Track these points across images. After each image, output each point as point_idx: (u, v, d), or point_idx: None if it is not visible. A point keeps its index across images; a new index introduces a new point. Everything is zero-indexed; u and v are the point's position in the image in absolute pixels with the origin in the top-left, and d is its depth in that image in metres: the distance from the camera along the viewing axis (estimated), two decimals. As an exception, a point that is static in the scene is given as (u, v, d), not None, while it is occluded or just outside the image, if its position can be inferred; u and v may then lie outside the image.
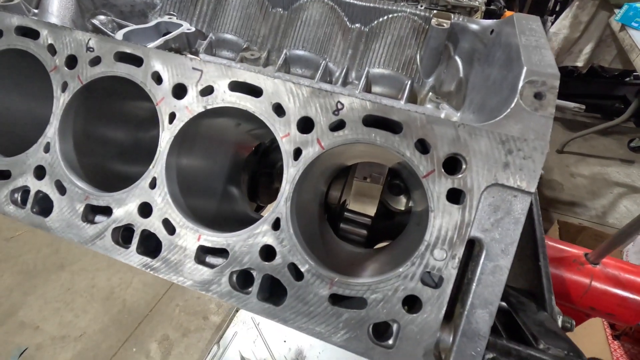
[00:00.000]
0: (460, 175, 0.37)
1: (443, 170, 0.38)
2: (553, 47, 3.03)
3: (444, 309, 0.37)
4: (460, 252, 0.37)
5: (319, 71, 0.67)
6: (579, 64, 3.03)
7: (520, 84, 0.38)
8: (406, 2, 1.82)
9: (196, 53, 0.71)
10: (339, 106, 0.40)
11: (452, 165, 0.38)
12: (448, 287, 0.37)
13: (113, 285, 2.33)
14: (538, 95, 0.37)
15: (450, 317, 0.39)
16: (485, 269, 0.36)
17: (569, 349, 0.39)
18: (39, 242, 2.53)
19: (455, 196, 0.37)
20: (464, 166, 0.37)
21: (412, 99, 0.66)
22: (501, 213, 0.36)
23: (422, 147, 0.38)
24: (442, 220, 0.37)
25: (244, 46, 0.72)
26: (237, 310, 2.26)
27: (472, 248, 0.38)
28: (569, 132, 3.52)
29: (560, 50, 3.01)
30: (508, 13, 2.14)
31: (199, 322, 2.18)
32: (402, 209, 0.62)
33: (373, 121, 0.40)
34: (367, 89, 0.68)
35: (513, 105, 0.37)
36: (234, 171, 0.67)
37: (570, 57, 3.05)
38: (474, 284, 0.37)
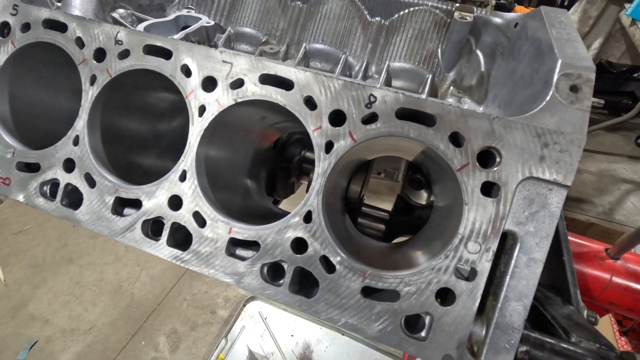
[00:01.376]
0: (495, 169, 0.37)
1: (477, 163, 0.38)
2: (561, 42, 3.01)
3: (478, 301, 0.37)
4: (494, 245, 0.37)
5: (339, 65, 0.67)
6: (588, 59, 3.00)
7: (555, 76, 0.38)
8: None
9: (215, 46, 0.71)
10: (372, 99, 0.40)
11: (486, 158, 0.38)
12: (482, 280, 0.37)
13: (121, 279, 2.35)
14: (574, 88, 0.37)
15: (483, 310, 0.39)
16: (519, 262, 0.36)
17: (600, 342, 0.39)
18: (48, 236, 2.55)
19: (489, 189, 0.37)
20: (498, 159, 0.37)
21: (433, 93, 0.66)
22: (536, 206, 0.36)
23: (456, 140, 0.38)
24: (477, 213, 0.37)
25: (263, 40, 0.72)
26: (244, 305, 2.28)
27: (505, 241, 0.38)
28: (576, 128, 3.49)
29: (569, 45, 2.98)
30: (518, 7, 2.11)
31: (206, 316, 2.19)
32: (424, 203, 0.62)
33: (406, 114, 0.40)
34: (388, 82, 0.67)
35: (548, 98, 0.37)
36: (254, 165, 0.67)
37: (579, 52, 3.02)
38: (508, 277, 0.37)
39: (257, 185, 0.69)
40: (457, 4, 0.63)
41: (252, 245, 0.43)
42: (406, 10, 0.66)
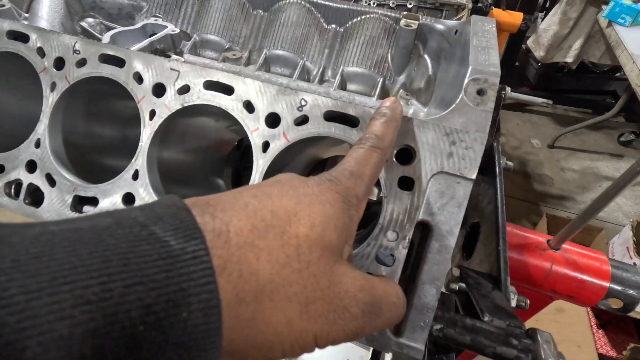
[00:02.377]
0: (410, 165, 0.41)
1: (395, 160, 0.42)
2: (543, 44, 3.08)
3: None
4: (410, 233, 0.41)
5: (297, 70, 0.71)
6: (569, 59, 3.07)
7: (465, 81, 0.42)
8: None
9: (181, 53, 0.75)
10: (303, 103, 0.44)
11: (404, 155, 0.42)
12: (399, 265, 0.41)
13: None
14: (480, 92, 0.41)
15: (405, 293, 0.43)
16: (432, 248, 0.40)
17: (510, 321, 0.43)
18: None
19: (405, 183, 0.41)
20: (413, 156, 0.41)
21: (385, 95, 0.70)
22: (446, 198, 0.40)
23: (377, 139, 0.42)
24: (394, 205, 0.41)
25: (227, 46, 0.76)
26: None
27: (421, 230, 0.42)
28: (560, 127, 3.56)
29: (550, 46, 3.05)
30: (495, 10, 2.17)
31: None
32: (375, 199, 0.66)
33: (333, 116, 0.44)
34: (343, 86, 0.71)
35: (458, 100, 0.41)
36: (217, 164, 0.71)
37: (560, 53, 3.09)
38: (423, 263, 0.41)
39: (222, 183, 0.73)
40: (405, 12, 0.67)
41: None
42: (359, 18, 0.70)
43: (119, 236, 0.21)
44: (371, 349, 0.96)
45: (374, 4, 1.77)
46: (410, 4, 1.75)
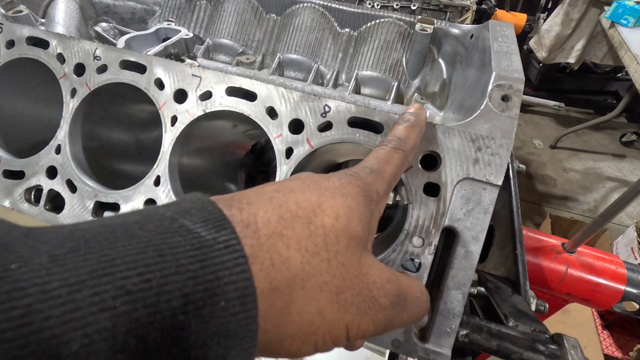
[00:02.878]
0: (435, 171, 0.41)
1: (420, 166, 0.42)
2: (545, 44, 3.08)
3: (422, 290, 0.41)
4: (436, 239, 0.41)
5: (311, 74, 0.71)
6: (571, 60, 3.08)
7: (490, 87, 0.42)
8: (399, 1, 1.86)
9: (194, 57, 0.75)
10: (327, 109, 0.44)
11: (429, 161, 0.42)
12: (425, 271, 0.41)
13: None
14: (505, 98, 0.41)
15: (431, 299, 0.43)
16: (458, 254, 0.41)
17: (535, 326, 0.43)
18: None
19: (431, 189, 0.41)
20: (438, 162, 0.41)
21: (399, 99, 0.70)
22: (472, 204, 0.40)
23: (402, 145, 0.42)
24: (420, 211, 0.41)
25: (240, 50, 0.76)
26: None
27: (447, 236, 0.42)
28: (563, 127, 3.57)
29: (553, 47, 3.05)
30: (499, 12, 2.18)
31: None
32: (390, 202, 0.66)
33: (357, 122, 0.44)
34: (357, 90, 0.71)
35: (482, 107, 0.42)
36: (231, 169, 0.71)
37: (563, 53, 3.10)
38: (449, 268, 0.41)
39: (236, 188, 0.73)
40: (419, 16, 0.67)
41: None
42: (373, 22, 0.71)
43: (150, 229, 0.21)
44: (387, 354, 0.96)
45: (377, 5, 1.77)
46: (414, 5, 1.76)
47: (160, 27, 0.74)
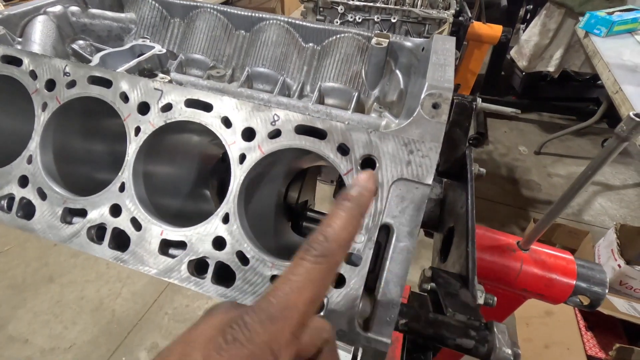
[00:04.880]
0: (373, 172, 0.45)
1: (360, 168, 0.45)
2: (525, 54, 3.18)
3: (364, 282, 0.44)
4: (374, 235, 0.44)
5: (277, 86, 0.75)
6: (551, 69, 3.18)
7: (422, 96, 0.46)
8: (380, 14, 1.92)
9: (168, 72, 0.79)
10: (276, 118, 0.48)
11: (368, 164, 0.46)
12: (366, 265, 0.44)
13: (102, 296, 2.36)
14: (435, 106, 0.46)
15: (372, 291, 0.46)
16: (395, 248, 0.44)
17: (471, 315, 0.46)
18: (28, 256, 2.56)
19: (370, 189, 0.45)
20: (376, 164, 0.45)
21: (360, 108, 0.75)
22: (406, 202, 0.44)
23: (342, 150, 0.46)
24: (360, 209, 0.45)
25: (211, 65, 0.80)
26: (225, 317, 2.31)
27: (385, 232, 0.45)
28: (546, 134, 3.65)
29: (532, 56, 3.15)
30: (475, 24, 2.26)
31: (188, 329, 2.21)
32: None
33: (304, 130, 0.47)
34: (320, 100, 0.76)
35: (415, 114, 0.46)
36: (203, 176, 0.74)
37: (542, 62, 3.20)
38: (387, 262, 0.44)
39: (207, 193, 0.76)
40: (376, 32, 0.72)
41: (182, 245, 0.50)
42: (334, 37, 0.75)
43: None
44: (352, 352, 0.99)
45: (359, 18, 1.83)
46: (394, 18, 1.82)
47: (135, 44, 0.78)
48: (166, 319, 2.27)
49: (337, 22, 1.77)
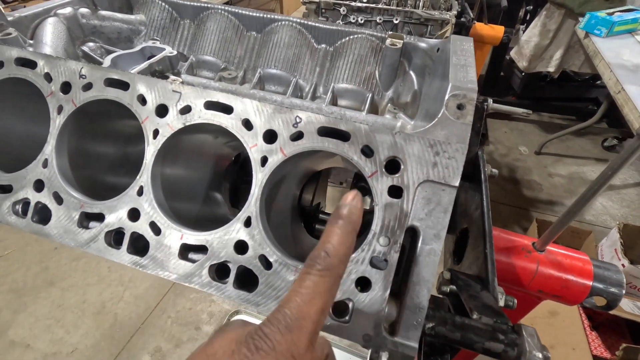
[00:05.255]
0: (398, 175, 0.45)
1: (384, 170, 0.45)
2: (525, 54, 3.19)
3: (389, 286, 0.44)
4: (400, 238, 0.44)
5: (290, 87, 0.75)
6: (551, 69, 3.19)
7: (446, 97, 0.46)
8: (382, 15, 1.92)
9: (178, 74, 0.78)
10: (298, 120, 0.47)
11: (393, 166, 0.45)
12: (392, 268, 0.44)
13: (104, 299, 2.34)
14: (460, 107, 0.45)
15: (398, 295, 0.46)
16: (422, 251, 0.44)
17: (497, 318, 0.46)
18: (29, 260, 2.54)
19: (395, 192, 0.45)
20: (401, 167, 0.45)
21: (374, 110, 0.74)
22: (433, 204, 0.44)
23: (367, 152, 0.46)
24: (385, 212, 0.44)
25: (222, 66, 0.80)
26: (228, 319, 2.29)
27: (411, 235, 0.45)
28: (547, 134, 3.66)
29: (532, 56, 3.16)
30: (477, 24, 2.26)
31: (191, 332, 2.20)
32: (367, 208, 0.69)
33: (326, 132, 0.47)
34: (334, 102, 0.75)
35: (440, 115, 0.45)
36: (215, 179, 0.73)
37: (542, 63, 3.21)
38: (414, 265, 0.44)
39: (220, 197, 0.75)
40: (390, 32, 0.71)
41: (203, 249, 0.49)
42: (347, 38, 0.75)
43: None
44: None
45: (361, 20, 1.83)
46: (396, 19, 1.82)
47: (146, 46, 0.77)
48: (169, 322, 2.26)
49: (339, 24, 1.77)
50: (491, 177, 0.82)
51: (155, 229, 0.50)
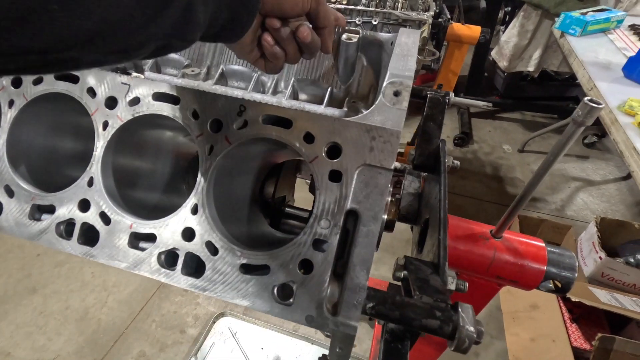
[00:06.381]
0: (338, 160, 0.46)
1: (325, 155, 0.46)
2: (505, 54, 3.26)
3: (331, 268, 0.45)
4: (340, 220, 0.45)
5: (251, 82, 0.76)
6: (530, 68, 3.26)
7: (384, 84, 0.48)
8: (361, 17, 1.95)
9: (142, 71, 0.79)
10: (242, 108, 0.48)
11: (333, 151, 0.47)
12: (333, 250, 0.45)
13: (87, 305, 2.31)
14: (396, 93, 0.47)
15: (340, 276, 0.47)
16: (360, 233, 0.45)
17: (438, 297, 0.47)
18: (10, 267, 2.50)
19: (335, 176, 0.46)
20: (340, 152, 0.46)
21: (334, 103, 0.76)
22: (370, 187, 0.45)
23: (308, 138, 0.47)
24: (326, 196, 0.46)
25: (186, 63, 0.81)
26: (214, 322, 2.28)
27: (350, 217, 0.46)
28: (529, 132, 3.73)
29: (512, 56, 3.23)
30: (454, 25, 2.31)
31: (175, 336, 2.18)
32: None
33: (270, 120, 0.48)
34: (295, 96, 0.77)
35: (377, 101, 0.47)
36: (179, 171, 0.74)
37: (522, 62, 3.28)
38: (353, 247, 0.45)
39: (183, 189, 0.76)
40: (345, 28, 0.73)
41: (151, 237, 0.50)
42: (307, 34, 0.76)
43: None
44: None
45: (340, 21, 1.85)
46: (375, 21, 1.85)
47: (109, 44, 0.78)
48: (154, 326, 2.24)
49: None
50: (453, 168, 0.85)
51: (106, 219, 0.51)
